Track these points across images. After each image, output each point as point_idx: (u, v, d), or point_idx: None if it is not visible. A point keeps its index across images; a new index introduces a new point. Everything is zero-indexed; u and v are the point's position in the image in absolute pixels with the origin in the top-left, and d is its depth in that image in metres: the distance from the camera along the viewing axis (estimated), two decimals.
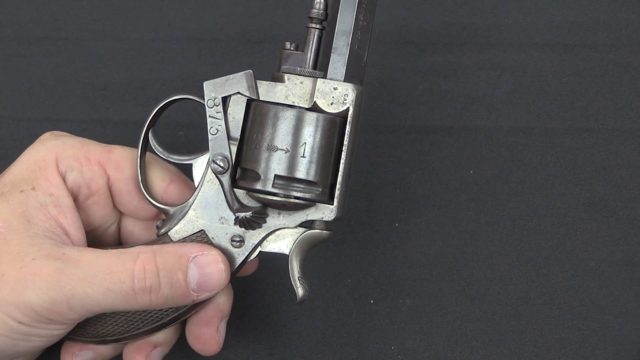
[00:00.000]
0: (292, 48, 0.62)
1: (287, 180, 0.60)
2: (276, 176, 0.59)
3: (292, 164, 0.59)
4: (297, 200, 0.60)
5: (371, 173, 0.73)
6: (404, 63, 0.75)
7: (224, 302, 0.64)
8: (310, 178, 0.60)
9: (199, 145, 0.62)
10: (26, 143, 0.72)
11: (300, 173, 0.60)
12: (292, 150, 0.59)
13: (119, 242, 0.66)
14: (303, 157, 0.59)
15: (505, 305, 0.72)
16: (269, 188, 0.60)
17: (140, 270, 0.57)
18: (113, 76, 0.74)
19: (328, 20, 0.62)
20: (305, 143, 0.59)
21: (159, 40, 0.74)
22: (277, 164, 0.59)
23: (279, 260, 0.62)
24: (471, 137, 0.74)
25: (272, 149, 0.59)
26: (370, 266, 0.72)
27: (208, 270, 0.60)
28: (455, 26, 0.75)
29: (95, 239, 0.64)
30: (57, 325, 0.57)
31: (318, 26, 0.62)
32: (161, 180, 0.63)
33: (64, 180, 0.61)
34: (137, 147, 0.62)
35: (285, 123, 0.60)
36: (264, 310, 0.71)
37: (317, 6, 0.61)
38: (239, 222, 0.61)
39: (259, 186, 0.60)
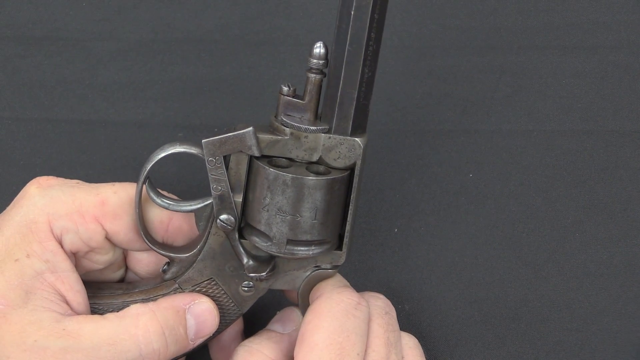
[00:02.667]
0: (290, 94, 0.58)
1: (300, 243, 0.59)
2: (289, 240, 0.59)
3: (304, 229, 0.59)
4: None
5: (370, 178, 0.73)
6: (403, 67, 0.75)
7: (236, 322, 0.65)
8: (322, 237, 0.60)
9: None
10: (26, 143, 0.73)
11: (313, 236, 0.59)
12: (304, 217, 0.58)
13: (125, 268, 0.66)
14: (315, 220, 0.59)
15: (505, 308, 0.72)
16: (283, 251, 0.59)
17: (145, 334, 0.57)
18: (113, 77, 0.74)
19: (329, 66, 0.58)
20: (317, 209, 0.58)
21: (159, 41, 0.74)
22: (289, 230, 0.58)
23: None
24: (470, 141, 0.74)
25: (283, 213, 0.58)
26: (369, 272, 0.72)
27: (203, 319, 0.61)
28: (454, 29, 0.75)
29: (102, 276, 0.64)
30: None
31: (319, 76, 0.58)
32: (160, 222, 0.63)
33: (60, 243, 0.59)
34: (135, 180, 0.61)
35: (295, 191, 0.58)
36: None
37: (318, 56, 0.58)
38: (254, 279, 0.61)
39: (272, 249, 0.59)
